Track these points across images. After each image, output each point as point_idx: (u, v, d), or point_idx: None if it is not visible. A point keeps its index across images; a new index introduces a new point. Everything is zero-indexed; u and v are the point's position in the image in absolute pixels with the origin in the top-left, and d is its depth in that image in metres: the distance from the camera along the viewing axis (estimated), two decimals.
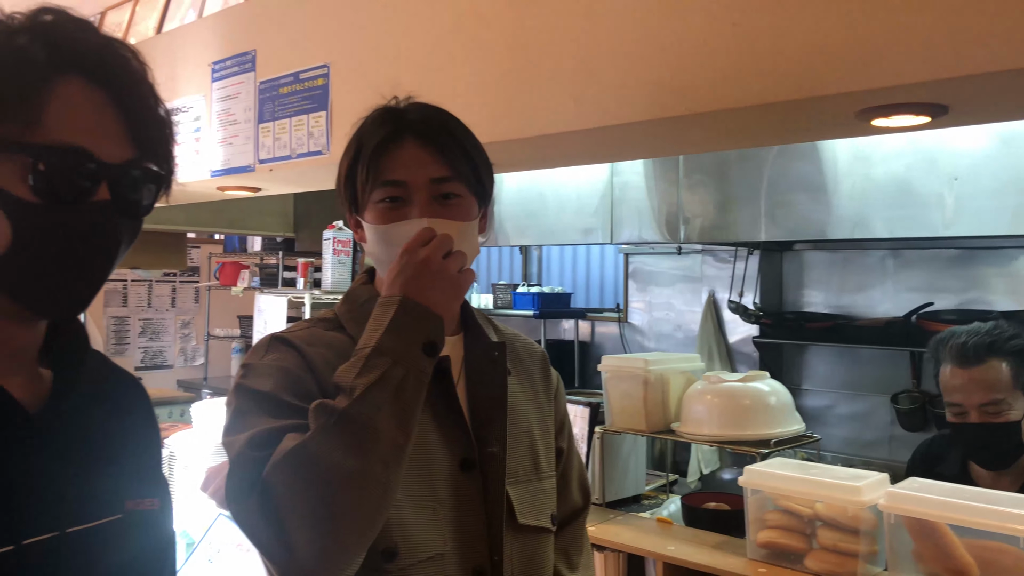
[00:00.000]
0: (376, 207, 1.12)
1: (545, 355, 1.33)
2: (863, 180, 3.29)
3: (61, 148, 0.77)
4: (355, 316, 1.16)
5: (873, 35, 1.25)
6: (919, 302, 3.67)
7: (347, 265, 3.21)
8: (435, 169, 1.12)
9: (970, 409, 1.79)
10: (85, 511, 0.83)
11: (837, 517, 1.64)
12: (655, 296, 4.87)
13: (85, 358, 0.90)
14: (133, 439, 0.93)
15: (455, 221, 1.11)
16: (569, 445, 1.32)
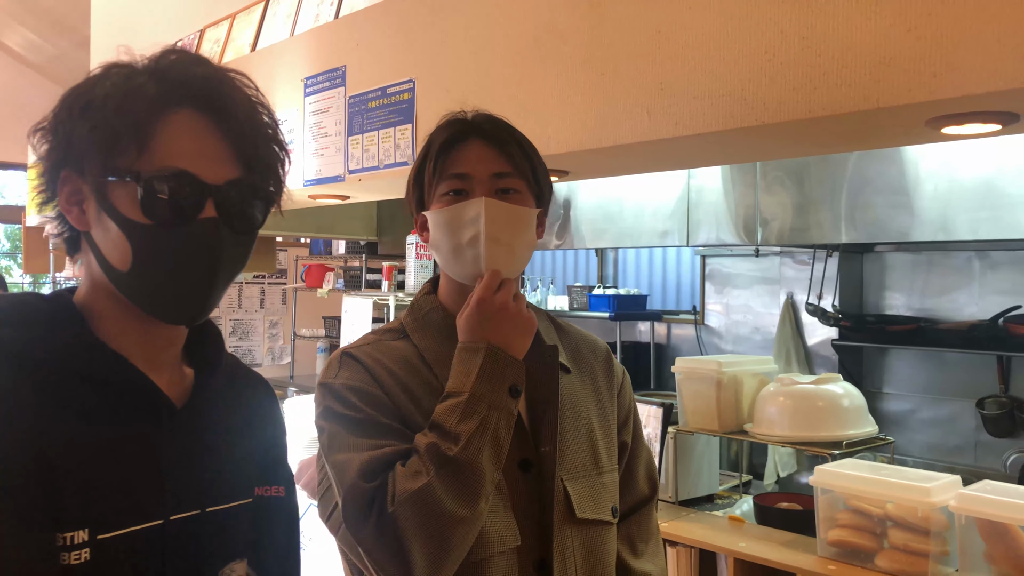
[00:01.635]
0: (441, 199, 1.22)
1: (609, 351, 1.39)
2: (946, 182, 3.25)
3: (164, 173, 0.86)
4: (419, 326, 1.27)
5: (940, 46, 1.29)
6: (1006, 305, 3.59)
7: (429, 268, 3.33)
8: (497, 165, 1.21)
9: None
10: (221, 494, 0.95)
11: (907, 517, 1.67)
12: (732, 298, 4.86)
13: (222, 359, 1.02)
14: (261, 433, 1.05)
15: (512, 205, 1.21)
16: (635, 438, 1.37)
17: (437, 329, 1.26)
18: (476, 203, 1.19)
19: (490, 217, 1.18)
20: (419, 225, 1.29)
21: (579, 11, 1.81)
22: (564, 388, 1.27)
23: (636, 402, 1.41)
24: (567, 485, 1.22)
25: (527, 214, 1.23)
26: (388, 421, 1.17)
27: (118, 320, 0.91)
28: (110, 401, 0.88)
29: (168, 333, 0.94)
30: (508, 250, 1.21)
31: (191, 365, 0.98)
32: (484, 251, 1.19)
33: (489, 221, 1.18)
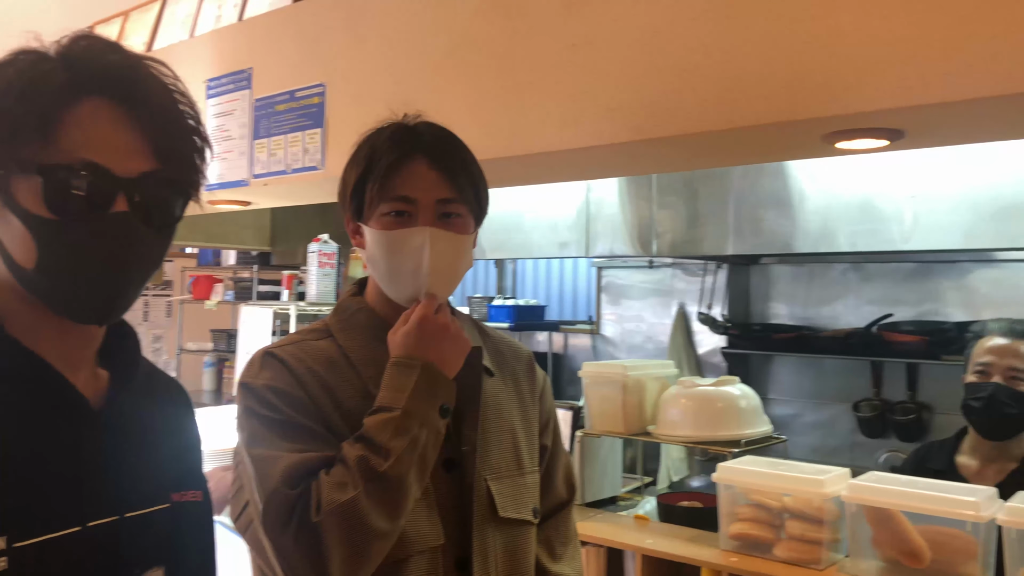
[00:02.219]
0: (383, 218, 1.22)
1: (531, 356, 1.43)
2: (827, 196, 3.46)
3: (68, 165, 0.81)
4: (345, 326, 1.27)
5: (841, 66, 1.39)
6: (879, 314, 3.84)
7: (332, 277, 3.29)
8: (443, 191, 1.22)
9: (995, 372, 1.99)
10: (139, 499, 0.92)
11: (803, 508, 1.77)
12: (627, 309, 5.01)
13: (139, 361, 0.99)
14: (178, 437, 1.02)
15: (455, 233, 1.23)
16: (555, 442, 1.41)
17: (363, 329, 1.26)
18: (421, 233, 1.19)
19: (435, 249, 1.20)
20: (351, 230, 1.29)
21: (495, 22, 1.85)
22: (487, 390, 1.29)
23: None
24: (490, 484, 1.24)
25: (468, 241, 1.26)
26: (310, 424, 1.17)
27: (30, 318, 0.87)
28: (25, 401, 0.84)
29: (84, 332, 0.91)
30: (449, 276, 1.24)
31: (106, 367, 0.95)
32: (427, 280, 1.20)
33: (434, 253, 1.20)
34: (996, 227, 3.06)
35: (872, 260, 4.04)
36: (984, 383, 2.00)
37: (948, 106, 1.32)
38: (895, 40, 1.33)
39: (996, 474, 2.02)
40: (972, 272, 3.83)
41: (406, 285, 1.22)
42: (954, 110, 1.34)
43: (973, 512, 1.56)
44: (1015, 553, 1.53)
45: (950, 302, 3.87)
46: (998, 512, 1.57)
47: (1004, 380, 1.98)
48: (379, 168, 1.21)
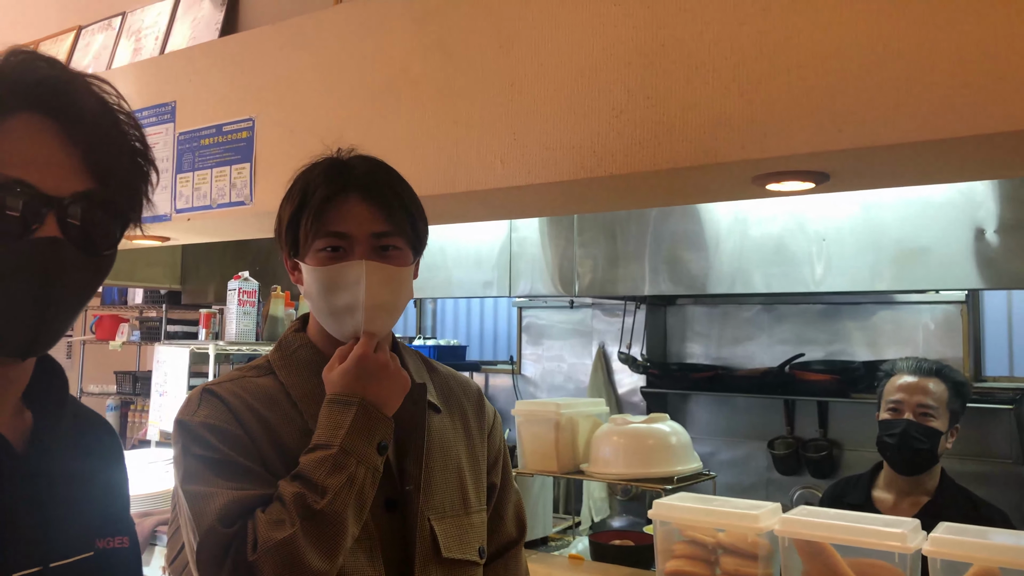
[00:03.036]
0: (318, 254, 1.20)
1: (480, 392, 1.41)
2: (741, 239, 3.58)
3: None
4: (286, 363, 1.25)
5: (768, 110, 1.45)
6: (791, 353, 3.97)
7: (252, 316, 3.20)
8: (377, 224, 1.20)
9: (906, 409, 2.07)
10: (63, 548, 0.86)
11: (738, 544, 1.80)
12: (547, 349, 5.04)
13: (67, 400, 0.93)
14: (104, 480, 0.96)
15: (392, 266, 1.21)
16: (505, 479, 1.40)
17: (305, 366, 1.24)
18: (356, 267, 1.18)
19: (371, 282, 1.18)
20: (290, 267, 1.27)
21: (433, 59, 1.86)
22: (433, 427, 1.27)
23: None
24: (433, 524, 1.22)
25: (406, 273, 1.24)
26: (247, 463, 1.14)
27: None
28: None
29: (8, 371, 0.85)
30: (388, 310, 1.22)
31: (29, 407, 0.88)
32: (364, 315, 1.19)
33: (369, 286, 1.18)
34: (897, 270, 3.22)
35: (783, 301, 4.19)
36: (897, 420, 2.08)
37: (865, 151, 1.39)
38: (810, 89, 1.40)
39: (911, 507, 2.10)
40: (876, 314, 4.01)
41: (344, 320, 1.20)
42: (871, 155, 1.41)
43: (899, 543, 1.61)
44: None
45: (857, 342, 4.04)
46: (923, 543, 1.63)
47: (915, 416, 2.06)
48: (312, 204, 1.20)
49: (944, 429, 2.07)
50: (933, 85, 1.30)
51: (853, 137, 1.38)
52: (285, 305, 3.32)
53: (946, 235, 3.11)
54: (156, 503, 2.27)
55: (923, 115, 1.31)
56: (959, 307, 3.75)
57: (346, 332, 1.21)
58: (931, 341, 3.82)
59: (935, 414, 2.06)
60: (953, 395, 2.10)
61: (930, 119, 1.30)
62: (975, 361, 3.80)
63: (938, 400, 2.07)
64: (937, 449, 2.06)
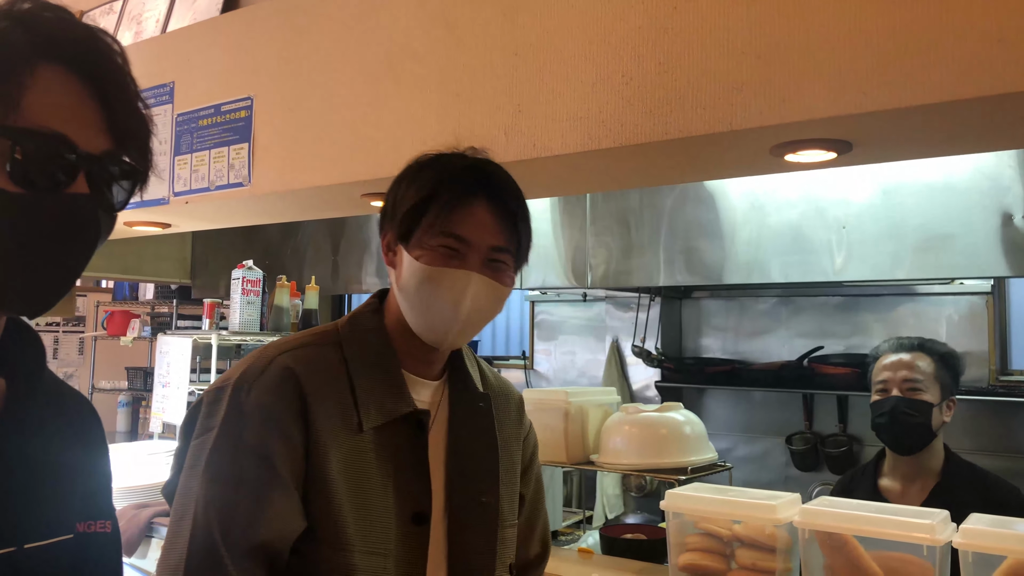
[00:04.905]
0: (433, 250, 1.14)
1: (521, 401, 1.35)
2: (758, 227, 3.48)
3: (41, 133, 0.73)
4: (356, 340, 1.18)
5: (787, 74, 1.36)
6: (809, 347, 3.87)
7: (256, 305, 3.14)
8: (498, 238, 1.15)
9: (893, 386, 2.02)
10: (39, 528, 0.80)
11: (755, 536, 1.71)
12: (560, 344, 4.96)
13: (43, 370, 0.87)
14: (85, 460, 0.90)
15: (499, 284, 1.16)
16: (536, 494, 1.34)
17: (371, 354, 1.18)
18: (467, 277, 1.13)
19: (475, 295, 1.14)
20: (386, 246, 1.21)
21: (434, 33, 1.79)
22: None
23: None
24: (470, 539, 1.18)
25: (507, 293, 1.20)
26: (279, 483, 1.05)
27: None
28: None
29: None
30: (479, 324, 1.18)
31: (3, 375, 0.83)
32: (459, 327, 1.15)
33: (474, 298, 1.14)
34: (920, 258, 3.12)
35: (801, 293, 4.09)
36: (885, 399, 2.04)
37: (890, 115, 1.30)
38: (831, 49, 1.32)
39: (920, 492, 2.01)
40: (897, 306, 3.90)
41: (436, 323, 1.15)
42: (896, 119, 1.33)
43: (928, 535, 1.52)
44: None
45: (877, 335, 3.93)
46: (953, 535, 1.53)
47: (902, 392, 2.02)
48: (442, 199, 1.14)
49: (936, 402, 2.01)
50: (964, 40, 1.21)
51: (878, 99, 1.29)
52: (291, 295, 3.25)
53: (971, 221, 3.01)
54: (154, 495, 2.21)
55: (954, 72, 1.22)
56: (984, 298, 3.64)
57: (432, 335, 1.16)
58: (955, 334, 3.71)
59: (923, 387, 2.01)
60: (940, 367, 2.05)
61: (961, 77, 1.22)
62: (1001, 354, 3.68)
63: (924, 373, 2.03)
64: (931, 422, 2.00)
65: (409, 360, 1.19)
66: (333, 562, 1.06)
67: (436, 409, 1.21)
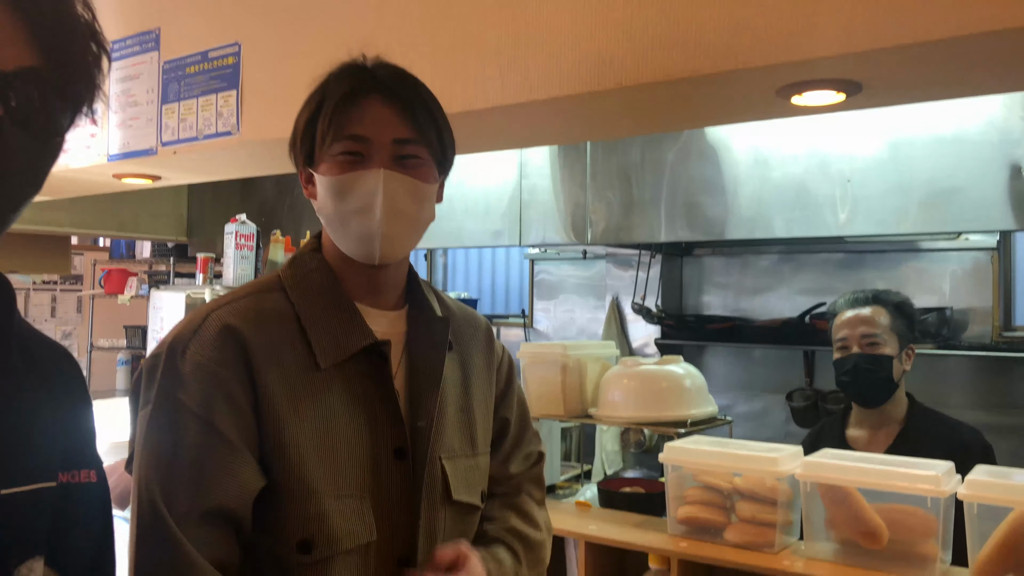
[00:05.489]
0: (334, 160, 1.08)
1: (489, 328, 1.30)
2: (761, 182, 3.42)
3: None
4: (300, 283, 1.12)
5: (792, 10, 1.30)
6: (810, 303, 3.83)
7: (250, 260, 3.10)
8: (400, 130, 1.08)
9: (853, 343, 2.03)
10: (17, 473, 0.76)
11: (755, 489, 1.68)
12: (560, 302, 4.93)
13: (13, 317, 0.82)
14: (65, 409, 0.86)
15: (414, 180, 1.09)
16: (521, 415, 1.30)
17: (319, 291, 1.12)
18: (374, 176, 1.06)
19: (389, 194, 1.06)
20: (304, 181, 1.15)
21: None
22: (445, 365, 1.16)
23: None
24: (444, 464, 1.13)
25: (429, 190, 1.12)
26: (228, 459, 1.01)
27: None
28: None
29: None
30: (406, 230, 1.11)
31: None
32: (380, 233, 1.07)
33: (387, 198, 1.06)
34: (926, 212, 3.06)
35: (804, 250, 4.04)
36: (847, 357, 2.05)
37: (903, 51, 1.24)
38: None
39: (885, 439, 2.05)
40: (901, 262, 3.86)
41: (358, 234, 1.09)
42: (907, 56, 1.26)
43: (933, 487, 1.49)
44: (976, 528, 1.46)
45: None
46: (957, 487, 1.50)
47: (861, 348, 2.02)
48: (329, 104, 1.08)
49: (895, 353, 2.03)
50: None
51: (890, 34, 1.23)
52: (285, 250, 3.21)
53: (979, 174, 2.95)
54: None
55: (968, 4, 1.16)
56: (989, 254, 3.59)
57: (361, 250, 1.10)
58: (958, 290, 3.66)
59: (881, 341, 2.02)
60: (896, 317, 2.07)
61: (981, 8, 1.15)
62: (1005, 310, 3.64)
63: (881, 327, 2.04)
64: (893, 375, 2.02)
65: (358, 291, 1.13)
66: (304, 513, 1.02)
67: (401, 341, 1.15)
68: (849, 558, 1.58)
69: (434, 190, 1.14)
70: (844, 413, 2.16)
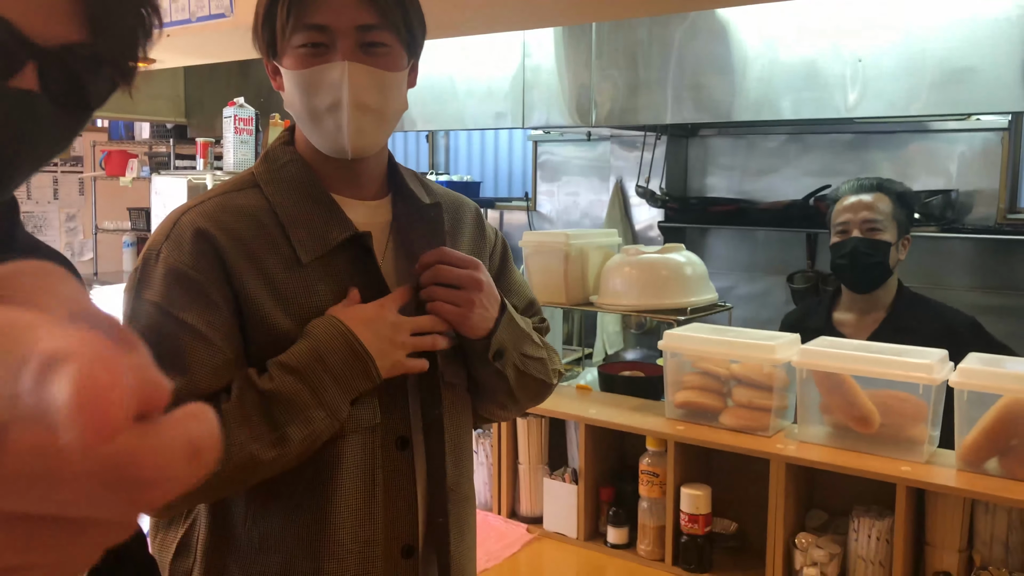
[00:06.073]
0: (296, 52, 1.05)
1: (479, 211, 1.29)
2: (770, 62, 3.33)
3: None
4: (274, 178, 1.11)
5: None
6: (817, 185, 3.80)
7: (250, 144, 3.06)
8: (362, 15, 1.04)
9: (853, 227, 2.05)
10: None
11: (752, 375, 1.72)
12: (563, 184, 4.89)
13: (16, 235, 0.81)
14: None
15: (381, 70, 1.06)
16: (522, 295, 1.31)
17: (295, 185, 1.11)
18: (338, 68, 1.03)
19: (354, 86, 1.04)
20: (271, 72, 1.12)
21: None
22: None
23: None
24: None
25: (397, 78, 1.08)
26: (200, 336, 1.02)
27: None
28: None
29: None
30: (376, 120, 1.08)
31: None
32: (348, 125, 1.05)
33: (353, 90, 1.04)
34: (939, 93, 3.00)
35: (811, 131, 3.98)
36: (845, 240, 2.06)
37: None
38: None
39: (871, 324, 2.08)
40: (909, 143, 3.80)
41: (327, 130, 1.07)
42: None
43: (926, 375, 1.52)
44: (965, 414, 1.50)
45: (886, 173, 3.82)
46: (949, 374, 1.54)
47: (862, 233, 2.04)
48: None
49: (893, 240, 2.05)
50: None
51: None
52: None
53: (994, 54, 2.87)
54: None
55: None
56: (1000, 135, 3.53)
57: (328, 144, 1.08)
58: (966, 171, 3.63)
59: (881, 227, 2.04)
60: (898, 206, 2.08)
61: None
62: (1012, 192, 3.61)
63: (883, 213, 2.05)
64: (889, 261, 2.04)
65: (335, 183, 1.12)
66: None
67: (385, 231, 1.15)
68: (841, 441, 1.64)
69: (404, 77, 1.11)
70: (834, 294, 2.20)
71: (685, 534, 1.71)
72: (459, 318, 1.10)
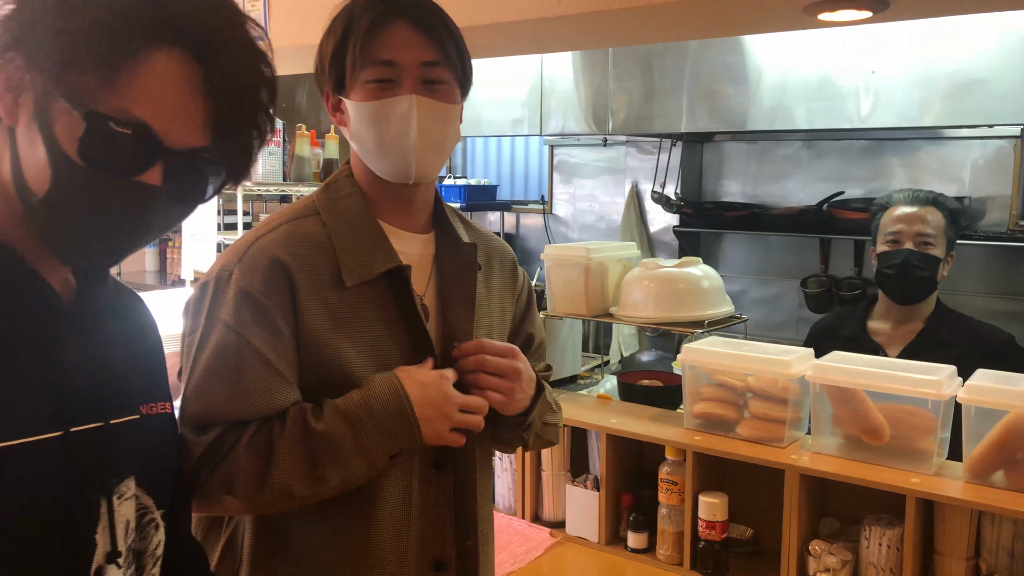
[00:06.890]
0: (365, 87, 1.14)
1: (514, 258, 1.39)
2: (785, 72, 3.39)
3: (116, 119, 0.73)
4: (334, 207, 1.19)
5: None
6: (830, 191, 3.85)
7: (277, 156, 3.15)
8: (426, 52, 1.13)
9: (906, 239, 2.06)
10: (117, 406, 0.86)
11: (767, 388, 1.79)
12: (579, 188, 4.96)
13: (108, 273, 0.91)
14: (144, 346, 0.95)
15: (442, 103, 1.15)
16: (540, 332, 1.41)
17: (349, 215, 1.19)
18: (407, 101, 1.12)
19: (422, 118, 1.13)
20: (332, 107, 1.20)
21: None
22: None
23: None
24: None
25: (454, 111, 1.18)
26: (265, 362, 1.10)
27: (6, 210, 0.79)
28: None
29: None
30: (437, 150, 1.17)
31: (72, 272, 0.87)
32: (414, 152, 1.14)
33: (421, 122, 1.13)
34: (950, 104, 3.05)
35: (824, 138, 4.03)
36: (896, 251, 2.06)
37: None
38: None
39: (906, 335, 2.10)
40: (921, 149, 3.85)
41: (393, 159, 1.16)
42: None
43: (935, 391, 1.59)
44: (972, 429, 1.57)
45: (899, 179, 3.90)
46: (958, 390, 1.60)
47: (915, 246, 2.05)
48: (357, 31, 1.13)
49: (942, 256, 2.07)
50: None
51: None
52: (311, 144, 3.25)
53: (1007, 65, 2.92)
54: None
55: None
56: (1012, 143, 3.57)
57: (395, 171, 1.17)
58: (978, 178, 3.67)
59: (934, 242, 2.05)
60: (949, 222, 2.08)
61: None
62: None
63: (936, 228, 2.06)
64: (936, 276, 2.06)
65: (389, 212, 1.20)
66: None
67: (429, 263, 1.24)
68: (853, 452, 1.71)
69: (458, 111, 1.20)
70: (869, 304, 2.20)
71: (702, 540, 1.79)
72: (503, 404, 1.19)
